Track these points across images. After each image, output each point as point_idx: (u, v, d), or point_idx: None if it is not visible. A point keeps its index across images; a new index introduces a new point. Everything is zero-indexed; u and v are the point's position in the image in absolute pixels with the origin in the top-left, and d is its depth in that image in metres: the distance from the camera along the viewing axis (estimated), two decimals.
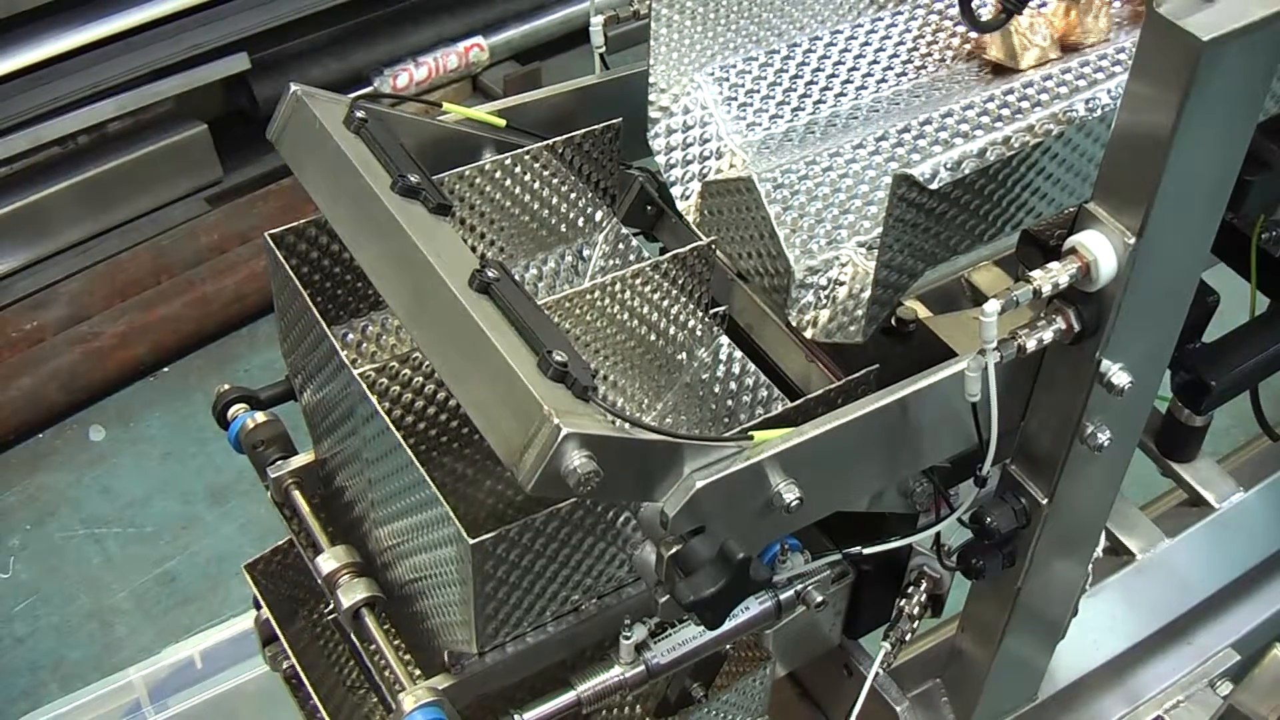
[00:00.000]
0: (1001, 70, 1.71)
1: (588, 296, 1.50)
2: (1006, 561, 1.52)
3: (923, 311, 1.61)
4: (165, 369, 3.96)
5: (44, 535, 3.52)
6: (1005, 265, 2.07)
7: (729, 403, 1.57)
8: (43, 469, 3.69)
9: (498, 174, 1.60)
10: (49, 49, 3.86)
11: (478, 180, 1.59)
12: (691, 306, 1.58)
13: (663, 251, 1.64)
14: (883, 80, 1.75)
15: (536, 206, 1.64)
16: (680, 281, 1.56)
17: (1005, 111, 1.62)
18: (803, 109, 1.71)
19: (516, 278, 1.31)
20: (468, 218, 1.60)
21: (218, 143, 4.29)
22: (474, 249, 1.62)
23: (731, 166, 1.64)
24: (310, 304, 1.44)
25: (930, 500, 1.52)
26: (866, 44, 1.75)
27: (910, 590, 1.64)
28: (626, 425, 1.19)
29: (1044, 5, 1.72)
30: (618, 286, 1.52)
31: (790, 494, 1.24)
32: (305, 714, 1.75)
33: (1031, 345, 1.26)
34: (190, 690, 2.57)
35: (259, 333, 4.03)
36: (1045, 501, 1.45)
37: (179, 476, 3.66)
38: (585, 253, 1.69)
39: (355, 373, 1.38)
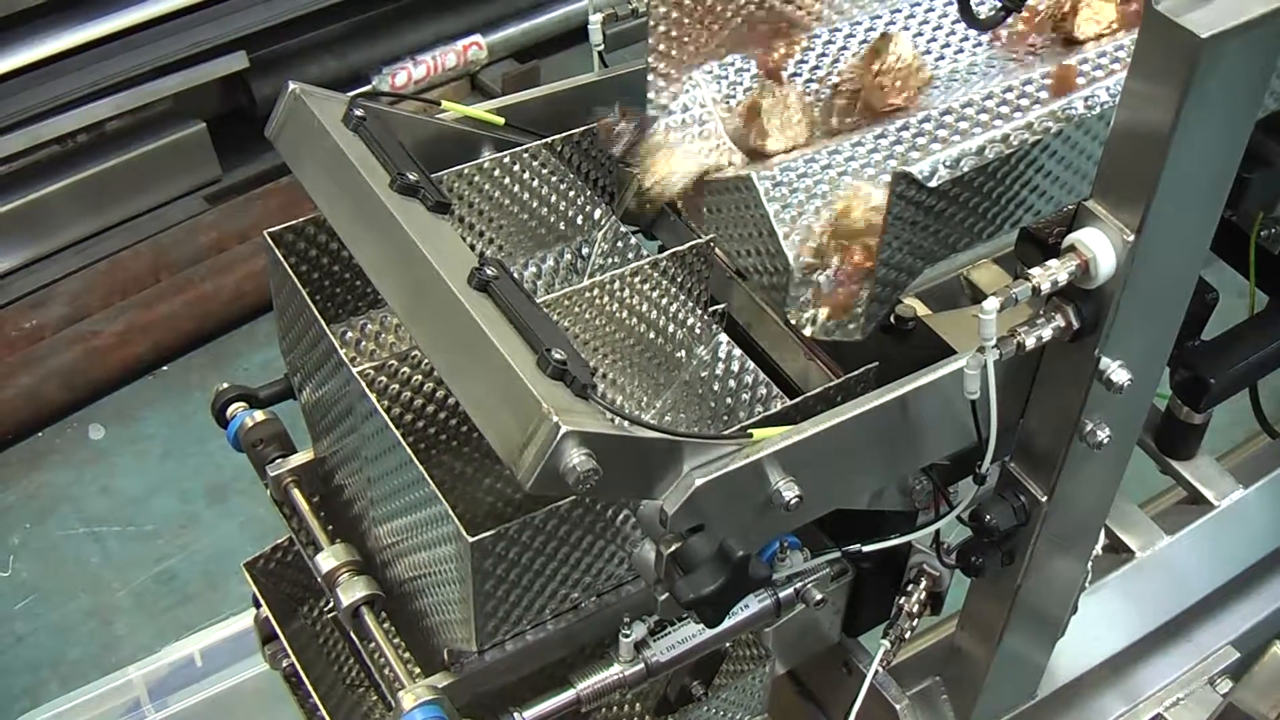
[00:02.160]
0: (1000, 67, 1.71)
1: (587, 294, 1.50)
2: (1006, 559, 1.52)
3: (922, 309, 1.61)
4: (165, 367, 3.96)
5: (44, 533, 3.52)
6: (1004, 263, 2.07)
7: (728, 400, 1.57)
8: (42, 467, 3.69)
9: (496, 172, 1.60)
10: (47, 48, 3.86)
11: (476, 178, 1.59)
12: (690, 304, 1.58)
13: (661, 249, 1.64)
14: None
15: (535, 204, 1.64)
16: (679, 279, 1.56)
17: (1004, 109, 1.61)
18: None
19: (515, 276, 1.31)
20: (466, 216, 1.60)
21: (216, 141, 4.29)
22: (473, 247, 1.62)
23: (730, 164, 1.63)
24: (309, 302, 1.44)
25: (930, 498, 1.52)
26: (865, 42, 1.74)
27: (910, 588, 1.64)
28: (625, 423, 1.19)
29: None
30: (617, 284, 1.52)
31: (789, 492, 1.24)
32: (305, 712, 1.75)
33: (1031, 343, 1.26)
34: (190, 688, 2.57)
35: (259, 331, 4.03)
36: (1045, 499, 1.45)
37: (178, 475, 3.65)
38: (584, 251, 1.69)
39: (354, 371, 1.38)
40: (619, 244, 1.67)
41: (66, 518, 3.56)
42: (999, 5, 1.57)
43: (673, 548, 1.24)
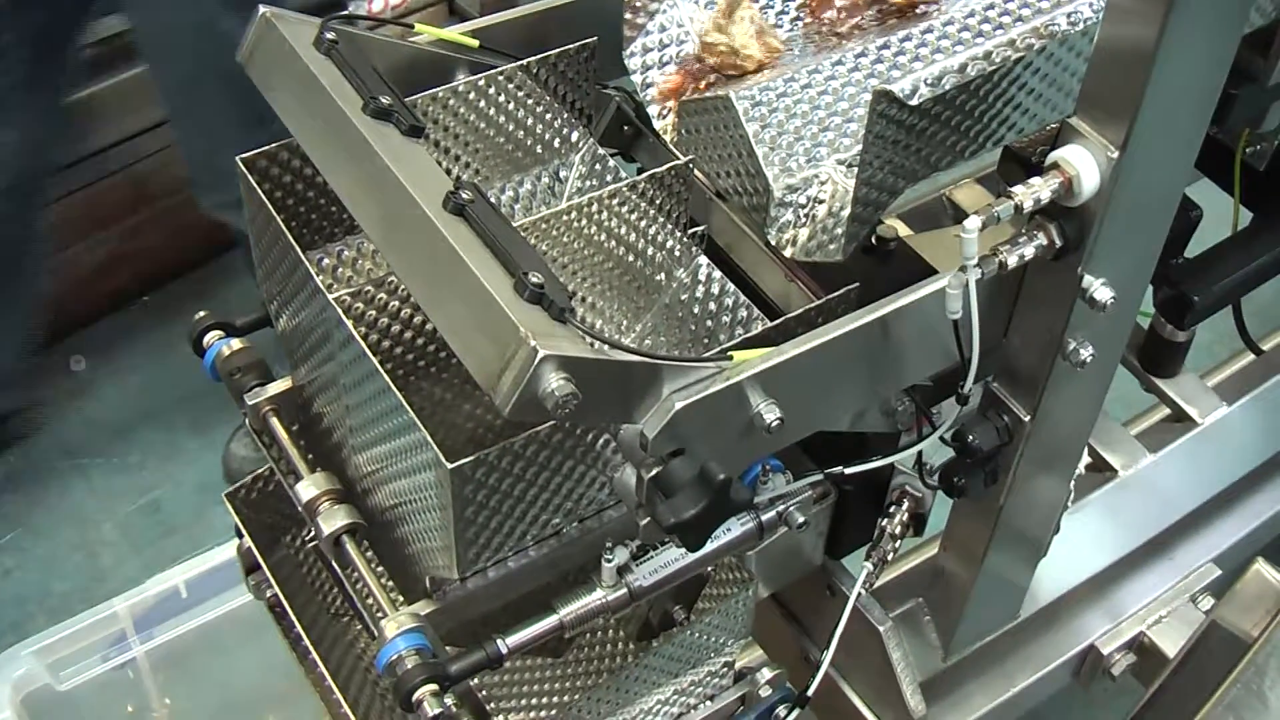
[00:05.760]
0: None
1: (564, 218, 1.49)
2: (989, 479, 1.52)
3: (903, 230, 1.60)
4: (145, 298, 3.93)
5: (27, 467, 3.51)
6: (987, 183, 2.06)
7: (708, 323, 1.56)
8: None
9: (471, 95, 1.57)
10: None
11: (451, 102, 1.56)
12: (670, 227, 1.57)
13: (640, 172, 1.62)
14: None
15: (511, 128, 1.62)
16: (658, 201, 1.54)
17: (986, 26, 1.60)
18: (780, 26, 1.69)
19: (492, 199, 1.29)
20: (441, 140, 1.58)
21: None
22: (448, 171, 1.60)
23: (708, 83, 1.61)
24: (284, 229, 1.42)
25: (912, 419, 1.52)
26: None
27: (892, 510, 1.64)
28: (605, 347, 1.18)
29: None
30: (594, 207, 1.51)
31: (771, 414, 1.24)
32: (289, 642, 1.75)
33: (1013, 261, 1.25)
34: (176, 619, 2.57)
35: (239, 260, 3.99)
36: (1028, 419, 1.45)
37: (162, 406, 3.64)
38: (562, 174, 1.67)
39: (330, 297, 1.37)
40: (597, 167, 1.65)
41: (49, 451, 3.54)
42: None
43: (653, 472, 1.23)
